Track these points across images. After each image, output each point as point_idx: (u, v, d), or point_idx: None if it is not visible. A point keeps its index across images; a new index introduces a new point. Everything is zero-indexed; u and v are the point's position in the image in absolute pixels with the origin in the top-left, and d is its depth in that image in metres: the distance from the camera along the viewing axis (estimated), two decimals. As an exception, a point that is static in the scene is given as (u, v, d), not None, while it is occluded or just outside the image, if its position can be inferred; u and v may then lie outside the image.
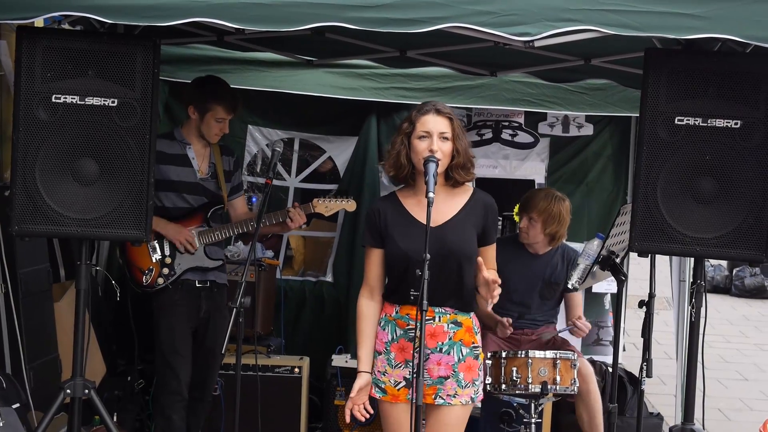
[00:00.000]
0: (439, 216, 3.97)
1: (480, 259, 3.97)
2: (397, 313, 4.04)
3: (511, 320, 5.49)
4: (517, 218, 5.80)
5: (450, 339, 4.02)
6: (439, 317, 4.01)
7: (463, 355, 4.03)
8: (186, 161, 5.19)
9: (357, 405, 4.04)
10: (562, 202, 5.59)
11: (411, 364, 3.92)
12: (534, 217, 5.56)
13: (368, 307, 4.10)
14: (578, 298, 5.77)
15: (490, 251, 4.09)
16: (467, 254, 4.00)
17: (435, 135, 3.94)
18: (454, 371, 4.01)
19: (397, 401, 4.02)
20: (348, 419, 4.04)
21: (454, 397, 4.02)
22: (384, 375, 4.05)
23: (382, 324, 4.09)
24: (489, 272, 3.94)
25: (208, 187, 5.26)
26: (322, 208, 5.29)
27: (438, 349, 4.01)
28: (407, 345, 3.96)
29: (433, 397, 4.00)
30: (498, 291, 3.90)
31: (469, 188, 4.15)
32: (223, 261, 5.38)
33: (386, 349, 4.05)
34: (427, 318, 3.91)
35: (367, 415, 4.04)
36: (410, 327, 3.97)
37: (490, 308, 4.04)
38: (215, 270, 5.29)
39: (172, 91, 6.67)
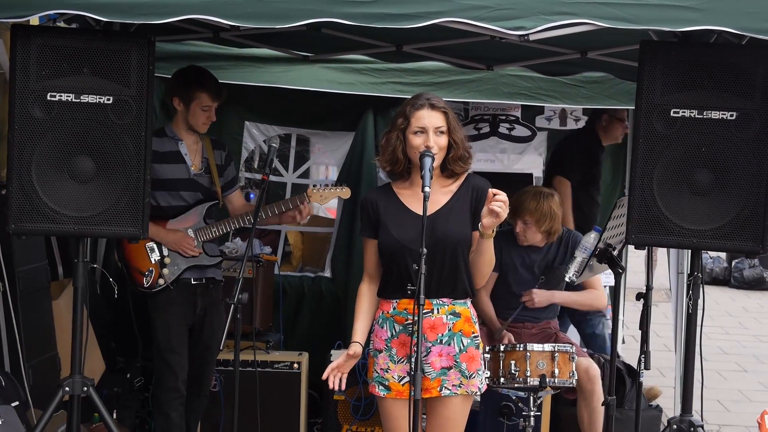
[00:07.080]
0: (432, 206, 3.93)
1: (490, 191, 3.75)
2: (394, 309, 4.03)
3: (512, 337, 5.50)
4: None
5: (450, 330, 4.01)
6: (438, 309, 3.99)
7: (464, 346, 4.02)
8: (179, 158, 5.16)
9: (338, 372, 4.03)
10: (551, 198, 5.59)
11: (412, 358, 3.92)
12: (527, 220, 5.57)
13: (368, 289, 4.15)
14: (594, 280, 5.73)
15: None
16: (457, 241, 3.98)
17: (430, 130, 3.93)
18: (456, 362, 4.00)
19: (402, 397, 3.99)
20: (331, 383, 4.02)
21: (460, 386, 4.00)
22: (387, 372, 4.04)
23: (380, 322, 4.08)
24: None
25: (202, 183, 5.22)
26: (317, 197, 5.25)
27: (438, 341, 4.00)
28: (408, 339, 3.93)
29: (438, 389, 3.99)
30: (503, 197, 3.70)
31: (463, 177, 4.11)
32: (221, 257, 5.36)
33: (387, 346, 4.04)
34: (425, 311, 3.90)
35: (342, 387, 4.03)
36: (409, 322, 3.93)
37: (498, 218, 3.74)
38: (213, 267, 5.27)
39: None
